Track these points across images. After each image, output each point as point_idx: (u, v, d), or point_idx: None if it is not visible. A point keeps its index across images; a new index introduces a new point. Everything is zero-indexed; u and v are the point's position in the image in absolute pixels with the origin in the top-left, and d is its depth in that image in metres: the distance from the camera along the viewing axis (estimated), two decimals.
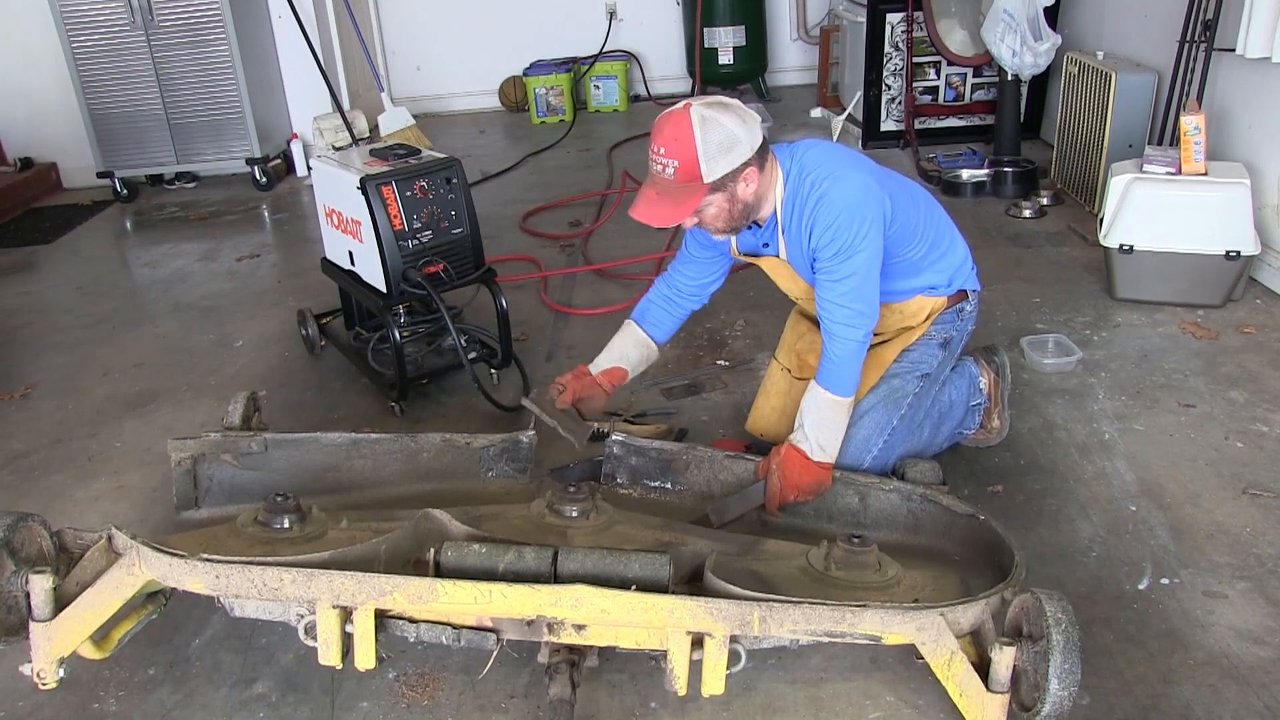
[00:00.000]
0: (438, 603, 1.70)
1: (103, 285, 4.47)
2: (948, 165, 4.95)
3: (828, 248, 2.17)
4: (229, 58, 5.52)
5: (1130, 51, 4.46)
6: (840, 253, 2.16)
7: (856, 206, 2.15)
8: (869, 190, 2.18)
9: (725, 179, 2.09)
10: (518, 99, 7.49)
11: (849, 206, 2.15)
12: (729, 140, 2.06)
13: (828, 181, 2.17)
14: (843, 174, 2.18)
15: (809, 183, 2.19)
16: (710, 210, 2.16)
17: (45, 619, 1.79)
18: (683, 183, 2.08)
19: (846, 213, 2.14)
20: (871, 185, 2.19)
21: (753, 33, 7.00)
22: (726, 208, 2.16)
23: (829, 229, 2.16)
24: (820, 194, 2.17)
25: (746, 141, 2.08)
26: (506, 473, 2.46)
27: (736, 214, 2.19)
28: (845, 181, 2.17)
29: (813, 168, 2.21)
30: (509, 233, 4.73)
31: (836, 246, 2.16)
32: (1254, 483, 2.46)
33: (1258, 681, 1.87)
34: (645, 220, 2.14)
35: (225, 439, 2.37)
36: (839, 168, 2.20)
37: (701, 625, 1.69)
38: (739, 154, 2.07)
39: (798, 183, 2.22)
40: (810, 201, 2.19)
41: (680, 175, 2.07)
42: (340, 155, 3.31)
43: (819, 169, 2.20)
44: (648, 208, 2.14)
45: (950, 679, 1.71)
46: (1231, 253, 3.26)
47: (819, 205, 2.17)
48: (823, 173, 2.19)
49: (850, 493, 2.28)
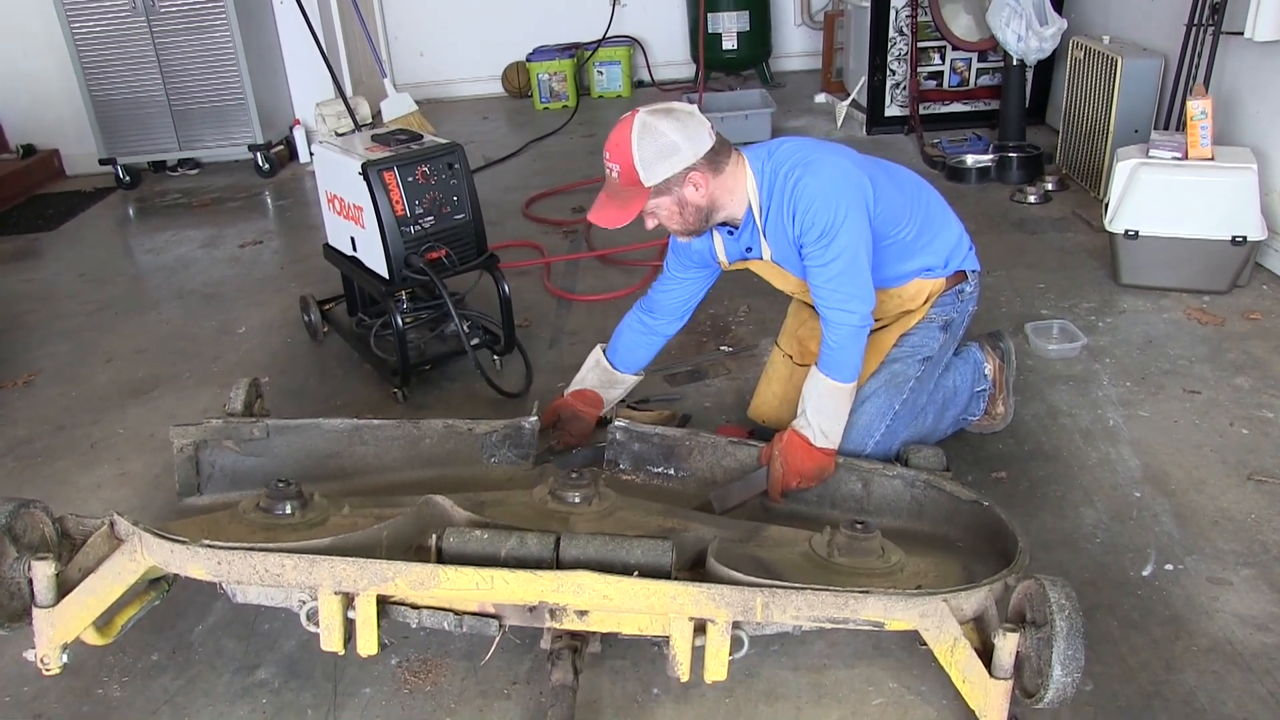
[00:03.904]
0: (440, 589, 1.70)
1: (105, 272, 4.47)
2: (952, 151, 4.93)
3: (810, 232, 2.18)
4: (231, 43, 5.50)
5: (1136, 36, 4.42)
6: (824, 235, 2.17)
7: (833, 189, 2.17)
8: (845, 172, 2.20)
9: (668, 183, 2.14)
10: (521, 85, 7.46)
11: (825, 190, 2.16)
12: (667, 148, 2.11)
13: (800, 169, 2.19)
14: (816, 160, 2.20)
15: (783, 174, 2.21)
16: (662, 213, 2.22)
17: (48, 605, 1.79)
18: (626, 186, 2.16)
19: (823, 196, 2.16)
20: (848, 167, 2.21)
21: (757, 18, 6.96)
22: (677, 210, 2.21)
23: (809, 213, 2.17)
24: (795, 181, 2.18)
25: (688, 149, 2.12)
26: (509, 459, 2.46)
27: (690, 216, 2.22)
28: (819, 166, 2.19)
29: (785, 160, 2.22)
30: (512, 219, 4.72)
31: (819, 230, 2.16)
32: (1259, 469, 2.45)
33: (1261, 668, 1.87)
34: (596, 221, 2.21)
35: (227, 425, 2.37)
36: (812, 155, 2.22)
37: (704, 611, 1.68)
38: (679, 160, 2.12)
39: (773, 179, 2.23)
40: (787, 192, 2.20)
41: (623, 179, 2.15)
42: (342, 141, 3.30)
43: (791, 159, 2.22)
44: (599, 210, 2.21)
45: (953, 665, 1.70)
46: (1238, 238, 3.24)
47: (795, 193, 2.18)
48: (795, 161, 2.20)
49: (853, 478, 2.27)
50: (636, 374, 2.65)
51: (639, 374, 2.66)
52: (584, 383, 2.65)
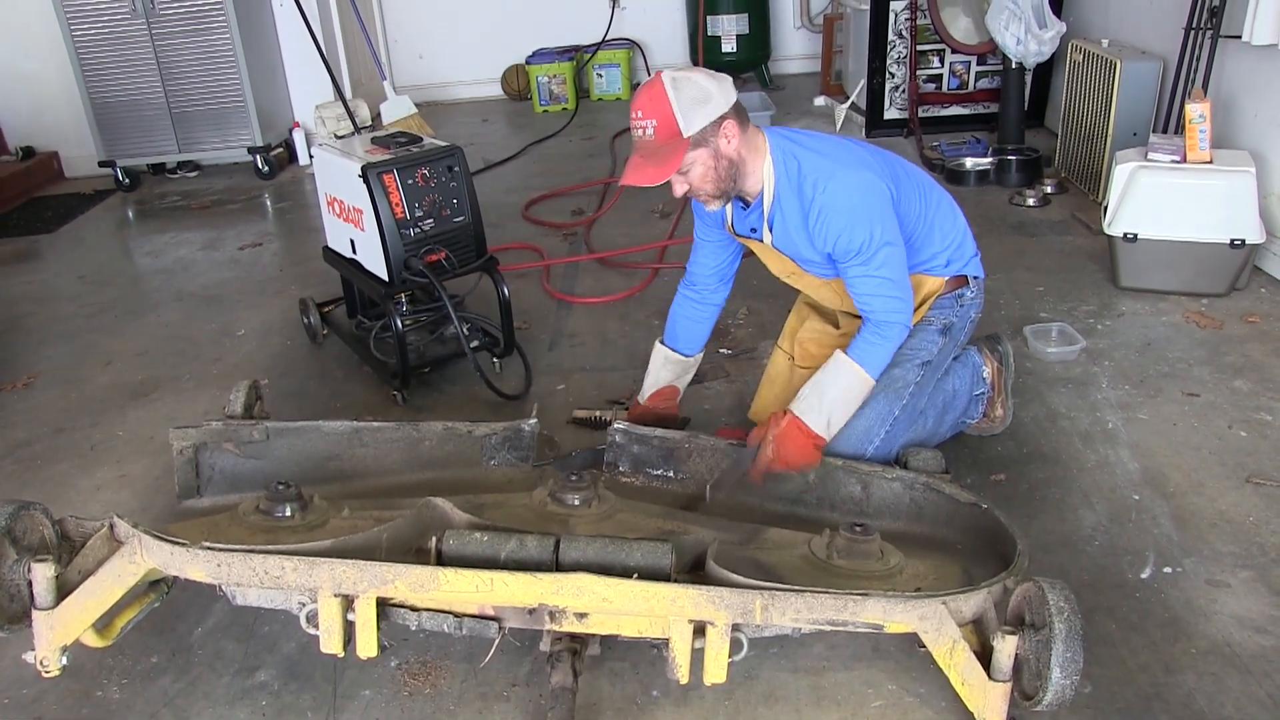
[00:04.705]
0: (439, 591, 1.70)
1: (105, 274, 4.47)
2: (951, 154, 4.93)
3: (848, 248, 2.20)
4: (230, 46, 5.51)
5: (1135, 39, 4.43)
6: (863, 250, 2.19)
7: (863, 204, 2.19)
8: (868, 184, 2.21)
9: (705, 132, 2.12)
10: (520, 87, 7.47)
11: (856, 207, 2.18)
12: (702, 94, 2.10)
13: (826, 180, 2.19)
14: (844, 177, 2.20)
15: (810, 180, 2.21)
16: (697, 170, 2.17)
17: (48, 607, 1.79)
18: (664, 141, 2.12)
19: (856, 212, 2.18)
20: (870, 179, 2.22)
21: (756, 20, 6.96)
22: (712, 165, 2.17)
23: (845, 231, 2.19)
24: (822, 191, 2.19)
25: (720, 97, 2.12)
26: (508, 461, 2.46)
27: (724, 173, 2.20)
28: (845, 180, 2.19)
29: (811, 165, 2.22)
30: (511, 221, 4.72)
31: (858, 244, 2.19)
32: (1257, 472, 2.45)
33: (1260, 670, 1.87)
34: (633, 182, 2.15)
35: (227, 428, 2.37)
36: (839, 169, 2.21)
37: (703, 613, 1.68)
38: (714, 107, 2.11)
39: (800, 180, 2.22)
40: (813, 200, 2.21)
41: (660, 134, 2.11)
42: (342, 143, 3.30)
43: (817, 168, 2.21)
44: (634, 172, 2.16)
45: (952, 668, 1.71)
46: (1236, 241, 3.25)
47: (823, 206, 2.19)
48: (824, 175, 2.20)
49: (853, 481, 2.27)
50: (701, 352, 2.67)
51: (703, 351, 2.68)
52: (660, 381, 2.64)
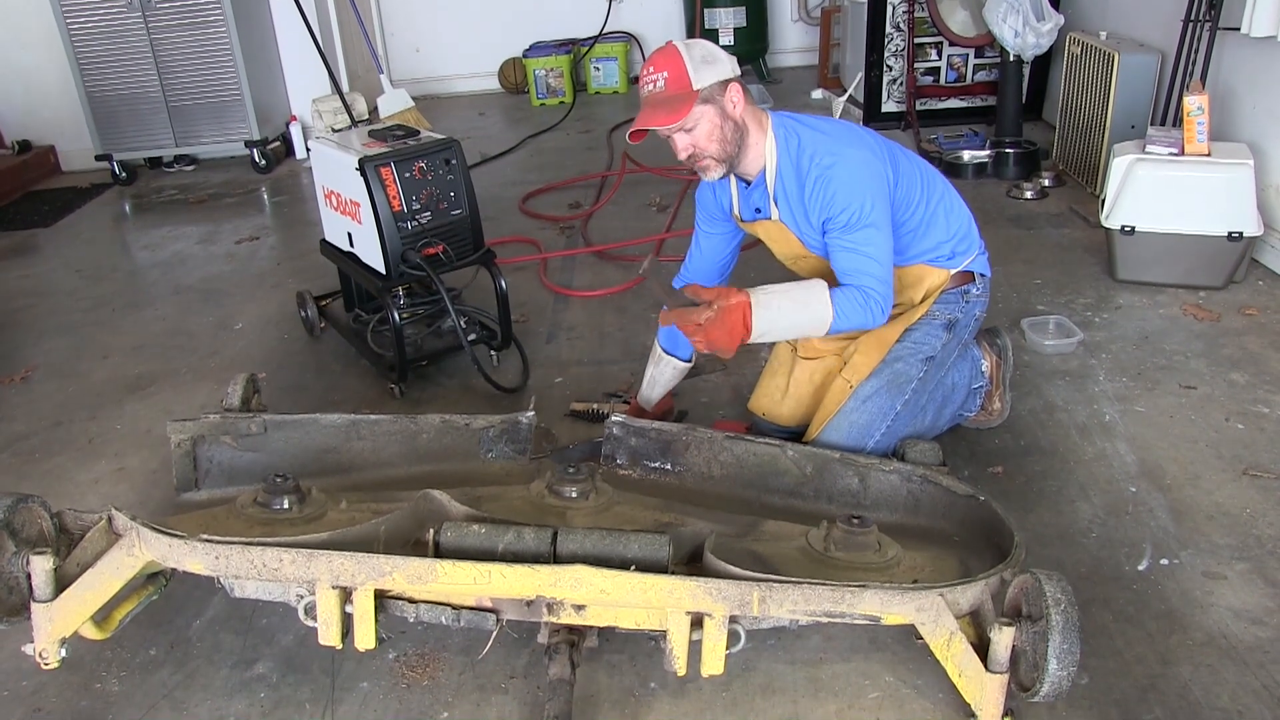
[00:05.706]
0: (437, 583, 1.70)
1: (102, 268, 4.47)
2: (949, 146, 4.93)
3: (834, 219, 2.22)
4: (227, 40, 5.49)
5: (1133, 31, 4.43)
6: (850, 223, 2.21)
7: (860, 180, 2.21)
8: (867, 163, 2.23)
9: (713, 90, 2.19)
10: (517, 81, 7.46)
11: (853, 180, 2.20)
12: (711, 55, 2.21)
13: (829, 156, 2.22)
14: (843, 152, 2.23)
15: (809, 157, 2.24)
16: (703, 126, 2.21)
17: (46, 599, 1.80)
18: (674, 92, 2.19)
19: (851, 186, 2.20)
20: (869, 158, 2.24)
21: (753, 14, 6.96)
22: (719, 124, 2.21)
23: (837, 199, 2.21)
24: (826, 167, 2.21)
25: (727, 63, 2.23)
26: (506, 454, 2.46)
27: (729, 135, 2.23)
28: (847, 157, 2.22)
29: (812, 142, 2.25)
30: (509, 214, 4.71)
31: (846, 218, 2.21)
32: (1254, 464, 2.46)
33: (1256, 662, 1.87)
34: (645, 125, 2.19)
35: (225, 421, 2.37)
36: (838, 145, 2.24)
37: (701, 605, 1.69)
38: (722, 69, 2.21)
39: (798, 155, 2.25)
40: (815, 175, 2.23)
41: (671, 85, 2.18)
42: (339, 137, 3.29)
43: (819, 145, 2.24)
44: (646, 118, 2.20)
45: (949, 659, 1.71)
46: (1234, 234, 3.25)
47: (824, 179, 2.22)
48: (822, 150, 2.23)
49: (850, 473, 2.28)
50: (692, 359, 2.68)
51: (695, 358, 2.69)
52: (666, 387, 2.70)
